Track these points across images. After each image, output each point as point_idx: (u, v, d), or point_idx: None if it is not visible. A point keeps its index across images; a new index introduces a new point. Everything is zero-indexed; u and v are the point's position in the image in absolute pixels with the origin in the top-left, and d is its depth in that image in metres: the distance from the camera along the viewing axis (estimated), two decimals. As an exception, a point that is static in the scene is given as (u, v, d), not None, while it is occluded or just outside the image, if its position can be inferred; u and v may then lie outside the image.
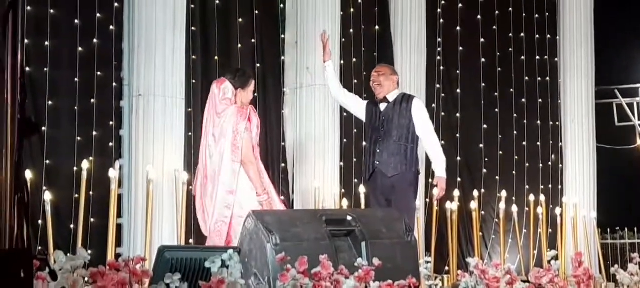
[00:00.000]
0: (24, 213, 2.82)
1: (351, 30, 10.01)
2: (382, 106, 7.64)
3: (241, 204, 6.58)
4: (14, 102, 2.67)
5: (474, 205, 9.66)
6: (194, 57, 8.91)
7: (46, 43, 8.20)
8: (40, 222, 7.83)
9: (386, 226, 5.66)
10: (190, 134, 8.71)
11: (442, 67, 10.75)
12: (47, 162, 8.18)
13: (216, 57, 9.09)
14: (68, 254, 4.42)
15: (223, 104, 6.77)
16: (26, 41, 8.07)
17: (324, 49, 7.73)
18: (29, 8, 8.09)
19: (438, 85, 10.68)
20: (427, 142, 7.64)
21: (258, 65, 9.34)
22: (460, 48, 10.93)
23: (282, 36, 9.62)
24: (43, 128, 8.16)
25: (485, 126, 11.06)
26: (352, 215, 5.62)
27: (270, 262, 5.17)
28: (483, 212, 10.73)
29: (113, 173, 7.73)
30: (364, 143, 9.66)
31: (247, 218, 5.45)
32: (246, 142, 6.67)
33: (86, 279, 4.29)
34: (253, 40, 9.36)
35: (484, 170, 10.98)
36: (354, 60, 10.01)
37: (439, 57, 10.70)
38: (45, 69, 8.20)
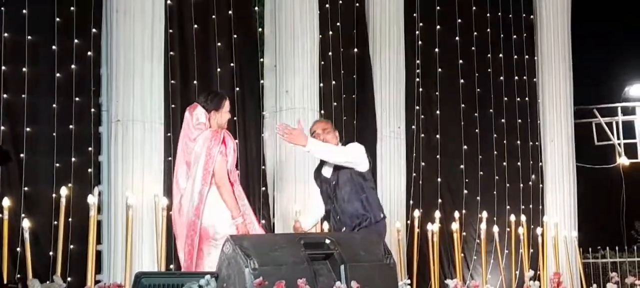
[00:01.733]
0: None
1: (330, 53, 10.04)
2: (327, 170, 7.09)
3: (215, 228, 6.55)
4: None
5: (455, 226, 9.66)
6: (173, 81, 8.90)
7: (24, 69, 8.19)
8: (18, 249, 7.79)
9: (365, 249, 5.66)
10: (169, 158, 8.68)
11: (421, 89, 10.78)
12: (26, 188, 8.15)
13: (195, 82, 9.08)
14: (46, 282, 4.39)
15: (197, 130, 6.73)
16: (4, 68, 8.07)
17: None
18: (6, 34, 8.08)
19: (417, 107, 10.71)
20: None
21: (237, 89, 9.34)
22: (439, 69, 10.96)
23: (261, 60, 9.63)
24: (21, 155, 8.14)
25: (465, 147, 11.08)
26: (331, 239, 5.62)
27: (249, 287, 5.15)
28: (464, 233, 10.74)
29: (92, 200, 7.68)
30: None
31: (225, 242, 5.43)
32: (220, 165, 6.63)
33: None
34: (232, 64, 9.36)
35: (465, 191, 10.99)
36: (333, 82, 10.02)
37: (418, 79, 10.74)
38: (23, 96, 8.19)
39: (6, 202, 7.37)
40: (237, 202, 6.70)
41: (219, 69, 9.26)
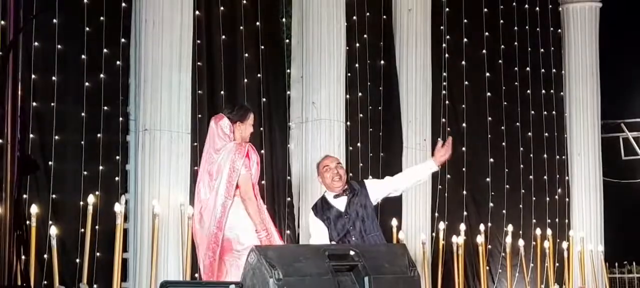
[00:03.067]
0: (23, 250, 2.84)
1: (357, 65, 10.05)
2: (340, 204, 6.89)
3: (238, 240, 6.57)
4: (14, 140, 2.70)
5: (480, 239, 9.64)
6: (200, 91, 8.95)
7: (53, 78, 8.26)
8: (45, 256, 7.84)
9: (389, 261, 5.64)
10: (196, 168, 8.70)
11: (447, 102, 10.78)
12: (53, 196, 8.21)
13: (222, 92, 9.13)
14: (71, 289, 4.43)
15: (221, 140, 6.75)
16: (33, 76, 8.14)
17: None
18: (36, 43, 8.16)
19: (443, 119, 10.70)
20: (402, 178, 7.06)
21: (264, 99, 9.38)
22: (466, 82, 10.96)
23: (288, 71, 9.67)
24: (49, 162, 8.20)
25: (491, 160, 11.06)
26: (355, 250, 5.61)
27: (274, 298, 5.15)
28: (490, 246, 10.71)
29: (119, 208, 7.75)
30: (351, 174, 9.61)
31: (250, 253, 5.44)
32: (245, 179, 6.64)
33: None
34: (259, 75, 9.41)
35: (491, 204, 10.97)
36: (360, 94, 10.04)
37: (444, 91, 10.74)
38: (52, 104, 8.25)
39: (34, 209, 7.44)
40: (261, 215, 6.71)
41: (246, 80, 9.30)
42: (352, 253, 5.60)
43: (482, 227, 9.90)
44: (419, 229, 9.77)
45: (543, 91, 11.59)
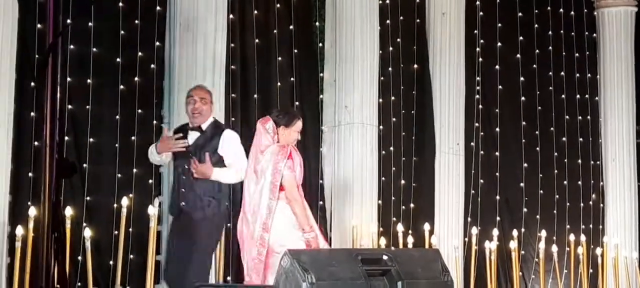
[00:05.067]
0: (61, 251, 2.86)
1: (390, 69, 10.05)
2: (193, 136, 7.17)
3: (281, 242, 6.60)
4: (52, 143, 2.72)
5: (513, 244, 9.59)
6: (233, 95, 8.99)
7: (88, 81, 8.33)
8: (79, 258, 7.90)
9: (422, 266, 5.64)
10: (230, 171, 8.75)
11: (481, 106, 10.73)
12: (88, 198, 8.28)
13: (255, 96, 9.16)
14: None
15: (266, 142, 6.84)
16: (69, 79, 8.22)
17: None
18: (72, 46, 8.23)
19: (477, 124, 10.66)
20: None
21: (297, 103, 9.40)
22: (500, 86, 10.90)
23: (321, 75, 9.68)
24: (84, 165, 8.27)
25: (525, 165, 10.99)
26: (388, 255, 5.61)
27: (308, 301, 5.16)
28: (523, 252, 10.65)
29: (152, 210, 7.79)
30: (383, 178, 9.64)
31: (283, 256, 5.46)
32: (290, 180, 6.72)
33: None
34: (292, 79, 9.43)
35: (525, 209, 10.90)
36: (393, 98, 10.03)
37: (477, 96, 10.69)
38: (87, 107, 8.32)
39: (69, 211, 7.50)
40: (307, 215, 6.79)
41: (279, 83, 9.33)
42: (385, 257, 5.61)
43: (515, 232, 9.84)
44: (451, 234, 9.74)
45: (578, 96, 11.51)
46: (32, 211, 7.33)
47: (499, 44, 10.98)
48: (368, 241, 8.99)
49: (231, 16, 8.95)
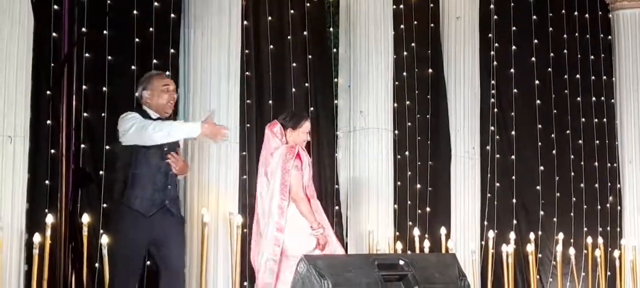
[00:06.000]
0: (78, 261, 2.87)
1: (404, 73, 10.04)
2: None
3: (291, 243, 6.63)
4: (69, 153, 2.74)
5: (530, 247, 9.57)
6: (248, 101, 9.01)
7: (104, 88, 8.35)
8: (97, 265, 7.92)
9: (439, 271, 5.64)
10: (244, 177, 8.78)
11: (496, 110, 10.71)
12: (104, 205, 8.28)
13: (270, 101, 9.18)
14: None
15: (275, 145, 6.90)
16: (85, 87, 8.25)
17: None
18: (87, 55, 8.26)
19: (492, 128, 10.63)
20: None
21: (312, 108, 9.41)
22: (515, 90, 10.87)
23: (335, 80, 9.70)
24: (100, 172, 8.29)
25: (541, 168, 10.95)
26: (405, 260, 5.61)
27: (325, 307, 5.16)
28: (540, 255, 10.61)
29: (168, 217, 7.79)
30: (399, 183, 9.59)
31: (299, 262, 5.47)
32: (296, 180, 6.79)
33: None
34: (306, 84, 9.45)
35: (541, 212, 10.86)
36: (408, 102, 10.03)
37: (493, 99, 10.67)
38: (103, 114, 8.34)
39: (86, 218, 7.54)
40: (314, 215, 6.83)
41: (293, 89, 9.34)
42: (402, 262, 5.61)
43: (532, 235, 9.81)
44: (468, 238, 9.72)
45: (593, 99, 11.46)
46: (49, 219, 7.35)
47: (514, 47, 10.95)
48: (384, 246, 8.98)
49: (245, 22, 8.97)
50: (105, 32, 8.35)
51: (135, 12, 8.54)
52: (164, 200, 6.56)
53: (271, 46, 9.25)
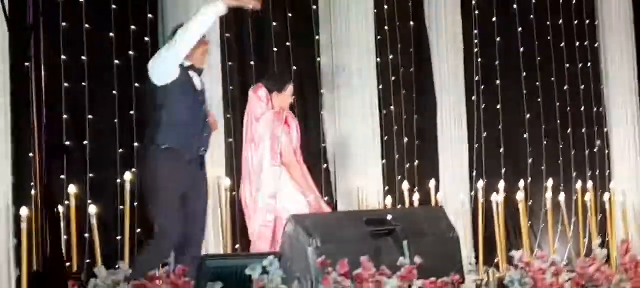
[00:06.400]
0: (54, 232, 2.84)
1: (386, 28, 9.96)
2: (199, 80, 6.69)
3: (286, 208, 6.62)
4: (40, 125, 2.69)
5: (520, 195, 9.57)
6: (230, 63, 8.92)
7: (83, 57, 8.27)
8: (86, 235, 7.89)
9: (428, 223, 5.65)
10: (230, 140, 8.72)
11: (480, 59, 10.64)
12: (91, 175, 8.25)
13: (252, 62, 9.10)
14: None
15: (260, 110, 6.84)
16: (63, 57, 8.17)
17: None
18: (64, 24, 8.16)
19: (477, 77, 10.57)
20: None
21: (294, 68, 9.34)
22: (498, 38, 10.80)
23: (317, 37, 9.61)
24: (84, 142, 8.24)
25: (528, 115, 10.92)
26: (393, 214, 5.61)
27: (312, 266, 5.17)
28: (531, 202, 10.61)
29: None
30: (386, 138, 9.56)
31: (287, 222, 5.47)
32: (286, 146, 6.75)
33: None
34: (288, 43, 9.36)
35: (530, 160, 10.85)
36: (391, 57, 9.96)
37: (476, 49, 10.60)
38: (83, 84, 8.27)
39: (72, 189, 7.53)
40: (307, 179, 6.81)
41: (275, 49, 9.27)
42: (389, 217, 5.61)
43: (521, 183, 9.81)
44: (457, 189, 9.71)
45: (577, 43, 11.39)
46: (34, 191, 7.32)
47: (495, -6, 10.87)
48: (374, 201, 8.96)
49: (223, -17, 8.85)
50: (80, 0, 8.27)
51: (110, -23, 8.45)
52: (200, 148, 6.54)
53: (250, 6, 9.13)
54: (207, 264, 5.02)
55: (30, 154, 7.83)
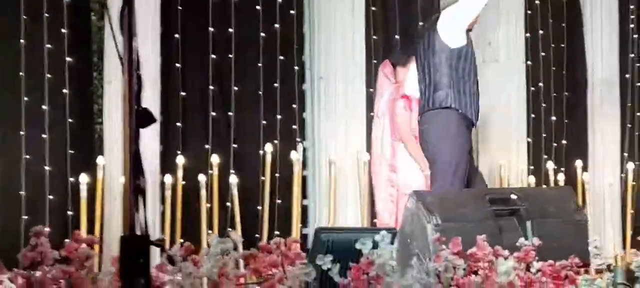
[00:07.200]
0: (142, 201, 2.94)
1: (537, 2, 9.69)
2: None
3: (406, 183, 6.61)
4: (131, 94, 2.80)
5: (672, 179, 9.17)
6: (375, 37, 8.92)
7: (230, 30, 8.47)
8: (228, 204, 8.11)
9: (554, 204, 5.49)
10: (371, 114, 8.73)
11: (636, 35, 10.20)
12: (234, 146, 8.47)
13: (397, 36, 9.06)
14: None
15: (385, 85, 6.87)
16: (211, 29, 8.39)
17: None
18: (212, -1, 8.40)
19: (632, 54, 10.14)
20: None
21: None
22: (656, 12, 10.33)
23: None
24: (229, 113, 8.47)
25: (685, 94, 10.41)
26: (518, 194, 5.49)
27: (431, 243, 5.12)
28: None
29: (295, 156, 7.92)
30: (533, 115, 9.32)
31: (409, 198, 5.44)
32: (402, 119, 6.73)
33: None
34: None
35: (685, 141, 10.35)
36: (541, 32, 9.69)
37: (632, 25, 10.16)
38: (230, 55, 8.48)
39: (216, 159, 7.74)
40: (423, 154, 6.76)
41: (420, 23, 9.18)
42: (514, 197, 5.49)
43: (675, 165, 9.38)
44: (605, 171, 9.39)
45: None
46: (180, 160, 7.62)
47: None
48: (516, 180, 8.79)
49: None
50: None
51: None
52: (477, 111, 6.79)
53: (397, -20, 9.12)
54: (322, 237, 5.08)
55: (178, 123, 8.25)
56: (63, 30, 7.74)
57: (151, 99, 7.89)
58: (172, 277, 3.98)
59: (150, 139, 7.87)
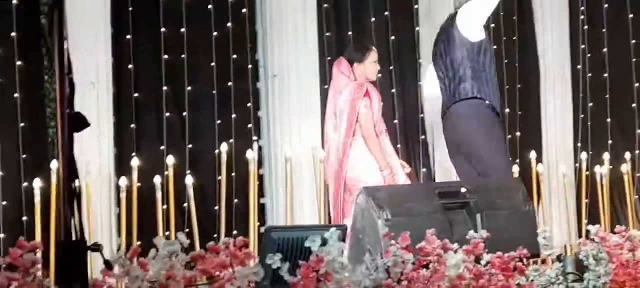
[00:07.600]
0: (76, 205, 2.92)
1: None
2: None
3: (362, 181, 6.62)
4: (63, 98, 2.78)
5: (625, 167, 9.27)
6: (327, 33, 8.94)
7: (182, 30, 8.45)
8: (185, 205, 8.09)
9: (503, 196, 5.54)
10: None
11: (586, 26, 10.29)
12: (189, 146, 8.45)
13: (349, 33, 9.07)
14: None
15: (342, 82, 6.87)
16: (163, 30, 8.36)
17: None
18: (165, -1, 8.38)
19: (583, 46, 10.24)
20: None
21: (392, 37, 9.26)
22: (605, 5, 10.41)
23: (415, 7, 9.48)
24: (183, 113, 8.44)
25: (637, 84, 10.51)
26: (467, 187, 5.53)
27: (382, 238, 5.15)
28: (638, 175, 10.24)
29: (251, 154, 7.90)
30: (507, 109, 9.48)
31: (359, 194, 5.47)
32: (366, 118, 6.74)
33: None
34: (386, 13, 9.28)
35: (638, 131, 10.45)
36: (492, 25, 9.70)
37: (582, 16, 10.26)
38: (183, 55, 8.46)
39: (171, 160, 7.71)
40: (383, 154, 6.77)
41: (373, 19, 9.21)
42: (463, 190, 5.53)
43: (628, 154, 9.48)
44: (559, 161, 9.48)
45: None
46: (135, 161, 7.60)
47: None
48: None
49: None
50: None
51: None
52: (499, 101, 7.18)
53: (347, -25, 9.14)
54: (272, 235, 5.08)
55: (131, 124, 8.21)
56: (12, 34, 7.67)
57: (104, 101, 7.90)
58: (115, 280, 3.96)
59: (104, 141, 7.86)
